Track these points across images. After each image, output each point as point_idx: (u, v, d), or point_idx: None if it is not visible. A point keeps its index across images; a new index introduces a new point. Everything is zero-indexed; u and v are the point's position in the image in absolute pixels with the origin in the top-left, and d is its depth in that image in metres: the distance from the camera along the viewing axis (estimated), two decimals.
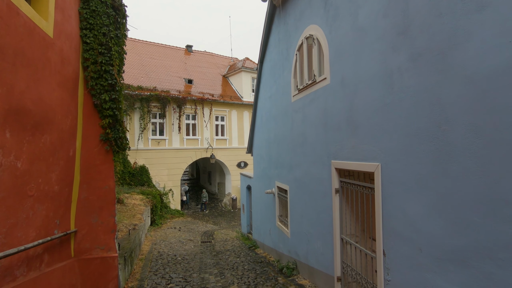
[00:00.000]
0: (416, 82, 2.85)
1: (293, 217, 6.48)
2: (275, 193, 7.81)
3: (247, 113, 22.20)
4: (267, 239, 8.70)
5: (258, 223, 9.90)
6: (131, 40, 22.54)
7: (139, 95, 17.68)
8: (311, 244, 5.53)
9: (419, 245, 2.83)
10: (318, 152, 5.12)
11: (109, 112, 5.27)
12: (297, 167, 6.15)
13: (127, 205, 13.10)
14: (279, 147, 7.41)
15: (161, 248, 10.51)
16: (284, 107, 6.93)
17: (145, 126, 18.05)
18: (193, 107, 19.75)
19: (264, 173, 8.93)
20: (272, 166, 8.06)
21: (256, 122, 9.93)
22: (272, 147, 8.05)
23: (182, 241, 11.95)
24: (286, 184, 6.87)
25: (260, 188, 9.48)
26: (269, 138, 8.35)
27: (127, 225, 10.07)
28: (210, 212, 20.55)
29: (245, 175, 12.24)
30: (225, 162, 21.23)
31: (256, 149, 10.10)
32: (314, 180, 5.35)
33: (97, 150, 5.30)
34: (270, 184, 8.26)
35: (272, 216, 8.11)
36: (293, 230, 6.46)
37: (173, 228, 14.99)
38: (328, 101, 4.71)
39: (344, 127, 4.22)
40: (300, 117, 5.94)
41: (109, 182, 5.44)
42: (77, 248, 5.12)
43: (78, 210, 5.16)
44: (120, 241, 7.84)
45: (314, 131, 5.29)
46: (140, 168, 17.79)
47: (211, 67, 23.86)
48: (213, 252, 9.82)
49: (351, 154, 4.06)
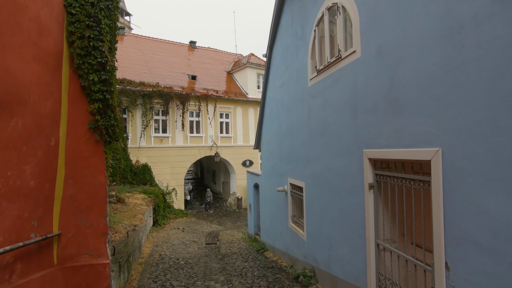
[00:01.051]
0: (508, 30, 2.01)
1: (310, 218, 5.65)
2: (287, 191, 6.99)
3: (253, 110, 21.40)
4: (278, 241, 7.87)
5: (267, 224, 9.08)
6: (133, 36, 21.86)
7: (141, 91, 16.95)
8: (333, 249, 4.70)
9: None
10: (344, 141, 4.29)
11: (98, 96, 4.48)
12: (316, 160, 5.32)
13: (128, 205, 12.36)
14: (292, 140, 6.58)
15: (163, 250, 9.72)
16: (299, 94, 6.11)
17: (147, 123, 17.31)
18: (197, 104, 18.98)
19: (274, 169, 8.11)
20: (284, 161, 7.24)
21: (264, 115, 9.11)
22: (283, 140, 7.23)
23: (186, 242, 11.17)
24: (301, 180, 6.04)
25: (270, 186, 8.66)
26: (280, 131, 7.53)
27: (127, 226, 9.30)
28: (214, 212, 19.76)
29: (252, 173, 11.43)
30: (230, 161, 20.43)
31: (264, 145, 9.28)
32: (338, 175, 4.51)
33: (85, 140, 4.51)
34: (281, 182, 7.44)
35: (284, 216, 7.29)
36: (310, 233, 5.63)
37: (176, 229, 14.22)
38: (359, 78, 3.88)
39: (382, 108, 3.39)
40: (319, 102, 5.11)
41: (100, 177, 4.64)
42: (61, 254, 4.33)
43: (63, 210, 4.37)
44: (116, 244, 7.06)
45: (338, 117, 4.46)
46: (142, 167, 17.05)
47: (215, 63, 23.09)
48: (218, 256, 9.01)
49: (393, 140, 3.22)
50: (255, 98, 21.25)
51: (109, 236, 4.86)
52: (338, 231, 4.56)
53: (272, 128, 8.27)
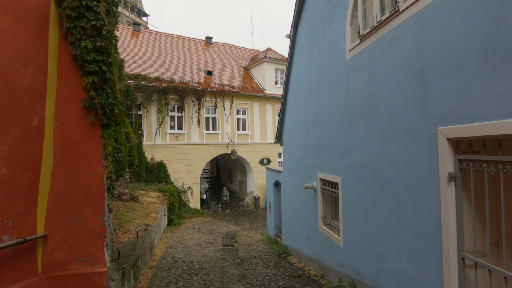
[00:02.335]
0: None
1: (348, 220, 4.60)
2: (316, 188, 5.96)
3: (270, 106, 20.41)
4: (304, 245, 6.84)
5: (290, 225, 8.06)
6: (149, 32, 21.38)
7: (156, 87, 16.31)
8: (385, 260, 3.64)
9: None
10: (403, 120, 3.24)
11: (93, 67, 3.62)
12: (357, 149, 4.28)
13: (142, 203, 11.67)
14: (323, 128, 5.56)
15: (176, 252, 8.89)
16: (332, 72, 5.08)
17: (162, 120, 16.65)
18: (213, 100, 18.18)
19: (300, 164, 7.09)
20: (312, 154, 6.21)
21: (287, 104, 8.11)
22: (311, 130, 6.21)
23: (201, 244, 10.31)
24: (336, 174, 5.00)
25: (293, 183, 7.64)
26: (306, 120, 6.51)
27: (139, 225, 8.53)
28: (231, 212, 18.89)
29: (272, 170, 10.44)
30: (247, 159, 19.51)
31: (287, 137, 8.27)
32: (392, 165, 3.46)
33: (77, 121, 3.67)
34: (308, 177, 6.41)
35: (312, 217, 6.26)
36: (349, 238, 4.58)
37: (191, 229, 13.43)
38: (429, 31, 2.83)
39: (475, 63, 2.34)
40: (362, 76, 4.07)
41: (96, 167, 3.80)
42: (47, 261, 3.50)
43: (51, 207, 3.54)
44: (123, 246, 6.25)
45: (393, 90, 3.41)
46: (157, 164, 16.41)
47: (232, 59, 22.27)
48: (236, 260, 8.08)
49: (497, 108, 2.16)
50: (273, 94, 20.27)
51: (108, 239, 4.00)
52: (392, 237, 3.50)
53: (297, 118, 7.26)
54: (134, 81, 15.86)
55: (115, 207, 10.21)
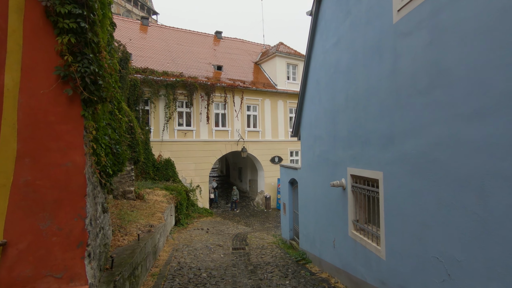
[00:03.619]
0: None
1: (394, 225, 3.61)
2: (346, 186, 4.97)
3: (282, 102, 19.42)
4: (328, 253, 5.85)
5: (310, 229, 7.07)
6: (157, 26, 20.67)
7: (164, 81, 15.53)
8: (459, 284, 2.64)
9: None
10: (498, 88, 2.24)
11: (69, 24, 2.73)
12: (410, 135, 3.28)
13: (148, 202, 10.86)
14: (356, 114, 4.57)
15: (182, 256, 8.01)
16: (371, 43, 4.09)
17: (170, 116, 15.85)
18: (222, 95, 17.30)
19: (323, 159, 6.10)
20: (340, 146, 5.22)
21: (307, 91, 7.12)
22: (340, 117, 5.22)
23: (210, 246, 9.42)
24: (375, 169, 4.01)
25: (314, 181, 6.66)
26: (333, 106, 5.53)
27: (142, 226, 7.70)
28: (241, 212, 17.97)
29: (287, 167, 9.46)
30: (258, 157, 18.56)
31: (306, 129, 7.28)
32: (474, 153, 2.47)
33: (50, 95, 2.79)
34: (335, 174, 5.43)
35: (339, 220, 5.27)
36: (396, 248, 3.58)
37: (200, 229, 12.57)
38: None
39: None
40: (421, 38, 3.07)
41: (74, 155, 2.91)
42: (7, 277, 2.62)
43: (12, 206, 2.66)
44: (120, 251, 5.39)
45: (480, 47, 2.41)
46: (165, 162, 15.63)
47: (242, 53, 21.35)
48: (249, 266, 7.14)
49: None
50: (284, 89, 19.28)
51: (91, 248, 3.10)
52: (472, 252, 2.50)
53: (319, 106, 6.27)
54: (141, 75, 15.12)
55: (119, 205, 9.41)
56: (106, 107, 3.71)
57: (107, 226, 5.59)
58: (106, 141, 4.82)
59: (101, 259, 4.10)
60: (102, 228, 4.80)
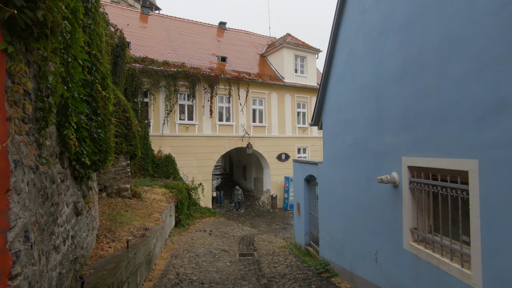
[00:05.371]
0: None
1: (500, 241, 2.30)
2: (398, 183, 3.66)
3: (289, 96, 18.10)
4: (366, 267, 4.55)
5: (337, 234, 5.76)
6: (159, 16, 19.40)
7: (165, 71, 14.25)
8: None
9: None
10: None
11: None
12: None
13: (145, 201, 9.59)
14: (422, 80, 3.26)
15: (182, 265, 6.72)
16: None
17: (171, 108, 14.58)
18: (227, 88, 16.00)
19: (358, 148, 4.79)
20: (388, 129, 3.92)
21: (333, 69, 5.80)
22: (388, 91, 3.92)
23: (214, 252, 8.14)
24: (463, 157, 2.70)
25: (343, 177, 5.35)
26: (375, 80, 4.23)
27: (136, 229, 6.44)
28: (246, 212, 16.67)
29: (302, 162, 8.15)
30: (264, 154, 17.25)
31: (332, 114, 5.96)
32: None
33: None
34: (378, 166, 4.13)
35: (387, 226, 3.96)
36: (505, 277, 2.28)
37: (202, 231, 11.30)
38: None
39: None
40: None
41: None
42: None
43: None
44: (99, 266, 4.09)
45: None
46: (165, 158, 14.37)
47: (247, 45, 20.05)
48: (261, 279, 5.84)
49: None
50: (292, 83, 17.97)
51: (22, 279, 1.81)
52: None
53: (352, 83, 4.96)
54: (140, 64, 13.86)
55: (112, 204, 8.12)
56: (69, 53, 2.41)
57: (84, 232, 4.30)
58: (78, 119, 3.54)
59: (62, 284, 2.81)
60: (72, 237, 3.51)
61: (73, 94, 3.31)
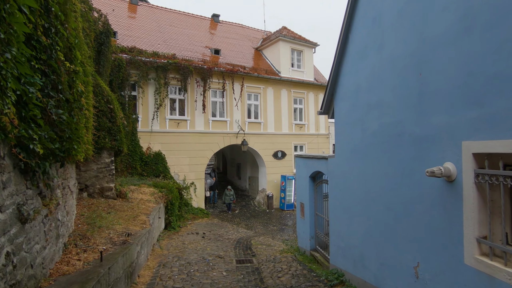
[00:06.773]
0: None
1: None
2: (455, 176, 2.74)
3: (286, 92, 17.18)
4: (401, 284, 3.62)
5: (354, 240, 4.82)
6: (148, 6, 18.24)
7: (154, 63, 13.15)
8: None
9: None
10: None
11: None
12: None
13: (131, 201, 8.51)
14: (497, 35, 2.34)
15: (171, 277, 5.69)
16: None
17: (161, 103, 13.48)
18: (220, 81, 14.97)
19: (388, 136, 3.87)
20: (438, 106, 3.00)
21: (350, 43, 4.86)
22: (437, 58, 3.00)
23: (207, 259, 7.12)
24: None
25: (363, 172, 4.43)
26: (416, 46, 3.31)
27: (117, 234, 5.41)
28: (240, 213, 15.66)
29: (307, 157, 7.20)
30: (259, 151, 16.28)
31: (348, 98, 5.01)
32: None
33: None
34: (422, 156, 3.21)
35: (436, 234, 3.04)
36: None
37: (194, 234, 10.26)
38: None
39: None
40: None
41: None
42: None
43: None
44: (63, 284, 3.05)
45: None
46: (155, 155, 13.27)
47: (242, 39, 19.06)
48: None
49: None
50: (289, 77, 17.06)
51: None
52: None
53: (379, 57, 4.04)
54: (127, 55, 12.72)
55: (93, 206, 7.00)
56: None
57: (39, 243, 3.24)
58: (21, 88, 2.51)
59: None
60: (8, 254, 2.47)
61: (10, 49, 2.28)
